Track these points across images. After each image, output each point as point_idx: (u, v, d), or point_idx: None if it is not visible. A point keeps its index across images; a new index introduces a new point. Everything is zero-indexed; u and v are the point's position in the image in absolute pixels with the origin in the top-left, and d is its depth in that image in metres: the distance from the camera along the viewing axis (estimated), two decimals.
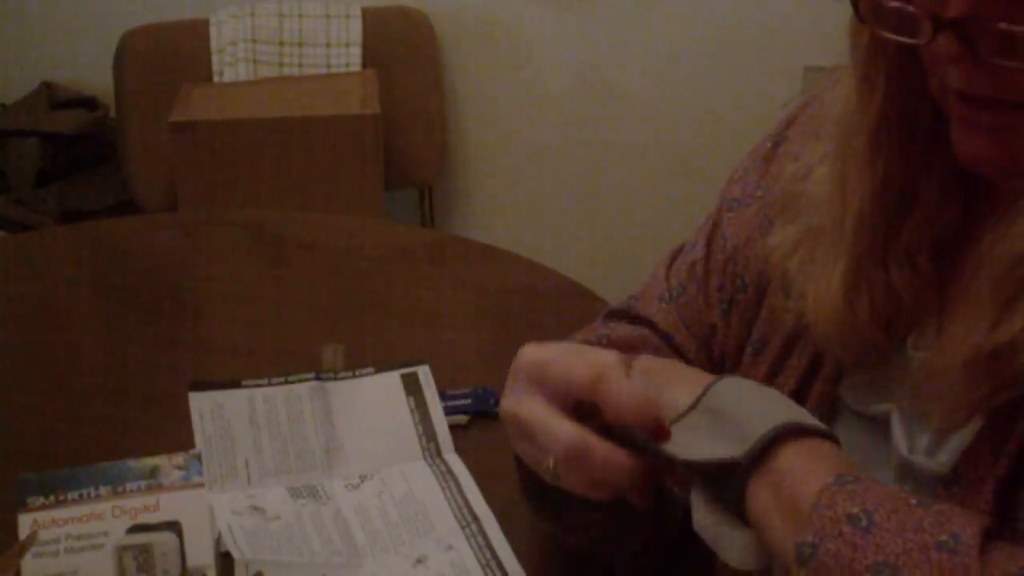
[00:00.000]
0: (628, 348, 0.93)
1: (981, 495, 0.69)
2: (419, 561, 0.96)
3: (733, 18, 2.39)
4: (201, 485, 1.04)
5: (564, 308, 1.34)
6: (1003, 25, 0.61)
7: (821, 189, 0.78)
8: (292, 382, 1.13)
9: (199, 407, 1.10)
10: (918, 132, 0.73)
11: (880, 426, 0.77)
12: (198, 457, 1.07)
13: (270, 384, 1.13)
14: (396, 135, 2.26)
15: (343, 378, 1.14)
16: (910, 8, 0.65)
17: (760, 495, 0.67)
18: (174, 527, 0.95)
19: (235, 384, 1.13)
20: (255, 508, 1.00)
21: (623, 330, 0.98)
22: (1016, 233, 0.65)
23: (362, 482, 1.05)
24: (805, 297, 0.78)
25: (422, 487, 1.04)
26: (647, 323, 0.98)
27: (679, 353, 0.95)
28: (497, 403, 1.15)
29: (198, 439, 1.07)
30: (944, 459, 0.72)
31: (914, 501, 0.64)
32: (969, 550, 0.60)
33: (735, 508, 0.69)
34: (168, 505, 1.01)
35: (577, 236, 2.62)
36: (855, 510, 0.63)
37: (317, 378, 1.13)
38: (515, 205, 2.61)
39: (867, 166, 0.74)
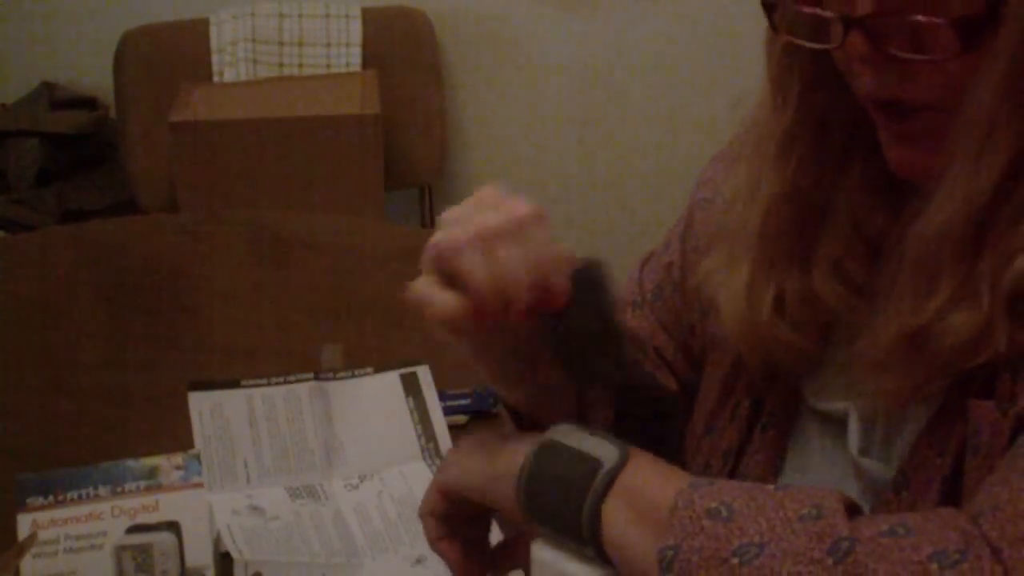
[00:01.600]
0: None
1: (929, 496, 0.69)
2: (418, 561, 0.96)
3: (733, 18, 2.39)
4: (200, 485, 1.04)
5: None
6: (910, 17, 0.62)
7: (733, 208, 0.79)
8: (291, 382, 1.13)
9: (198, 407, 1.10)
10: (832, 140, 0.73)
11: (840, 426, 0.77)
12: (197, 457, 1.07)
13: (269, 384, 1.13)
14: (396, 135, 2.26)
15: (342, 378, 1.14)
16: (822, 12, 0.66)
17: (615, 515, 0.64)
18: (173, 527, 0.95)
19: (234, 384, 1.13)
20: (254, 508, 1.00)
21: None
22: (930, 214, 0.65)
23: (361, 482, 1.05)
24: (719, 310, 0.78)
25: (422, 487, 1.04)
26: None
27: (658, 355, 0.95)
28: (496, 403, 1.16)
29: (197, 439, 1.07)
30: (892, 462, 0.72)
31: (771, 487, 0.63)
32: (834, 514, 0.59)
33: (594, 551, 0.65)
34: (167, 505, 1.01)
35: (577, 236, 2.62)
36: (714, 504, 0.62)
37: (316, 378, 1.13)
38: None
39: (777, 171, 0.75)
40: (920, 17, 0.62)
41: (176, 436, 1.10)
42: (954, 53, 0.62)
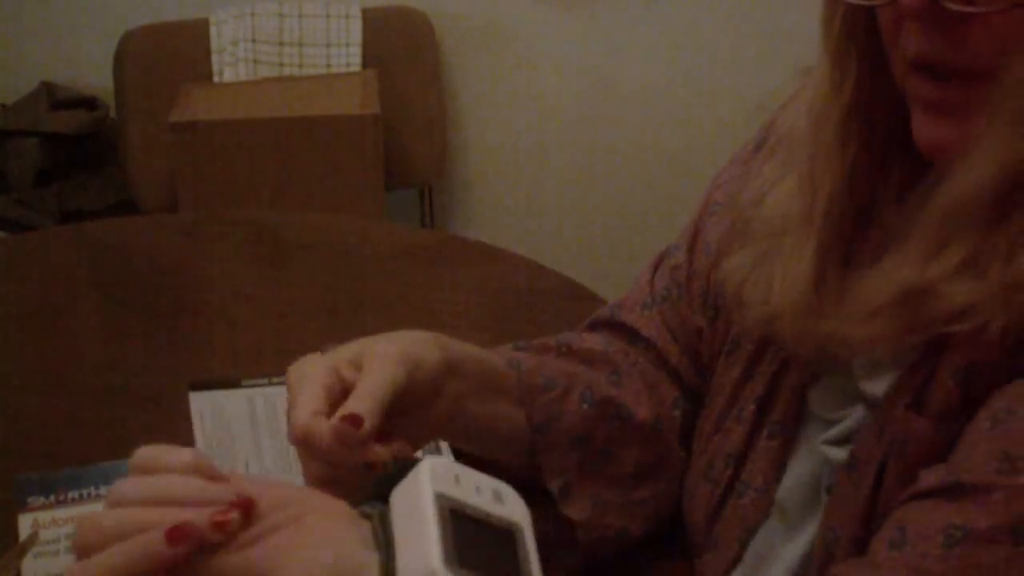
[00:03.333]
0: (585, 362, 0.93)
1: (865, 483, 0.70)
2: None
3: (733, 18, 2.39)
4: None
5: (564, 308, 1.34)
6: None
7: (774, 211, 0.77)
8: None
9: (199, 407, 1.10)
10: (878, 136, 0.72)
11: None
12: None
13: (270, 384, 1.13)
14: (396, 135, 2.26)
15: None
16: None
17: None
18: None
19: (235, 384, 1.13)
20: None
21: (592, 340, 0.97)
22: (960, 175, 0.64)
23: None
24: (768, 302, 0.76)
25: None
26: (629, 331, 0.97)
27: (661, 359, 0.95)
28: None
29: (198, 439, 1.07)
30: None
31: None
32: None
33: None
34: None
35: (577, 236, 2.62)
36: None
37: None
38: (515, 205, 2.61)
39: (835, 155, 0.73)
40: None
41: (176, 436, 1.10)
42: (1006, 3, 0.60)
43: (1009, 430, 0.61)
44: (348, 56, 2.30)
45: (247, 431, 1.08)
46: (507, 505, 0.62)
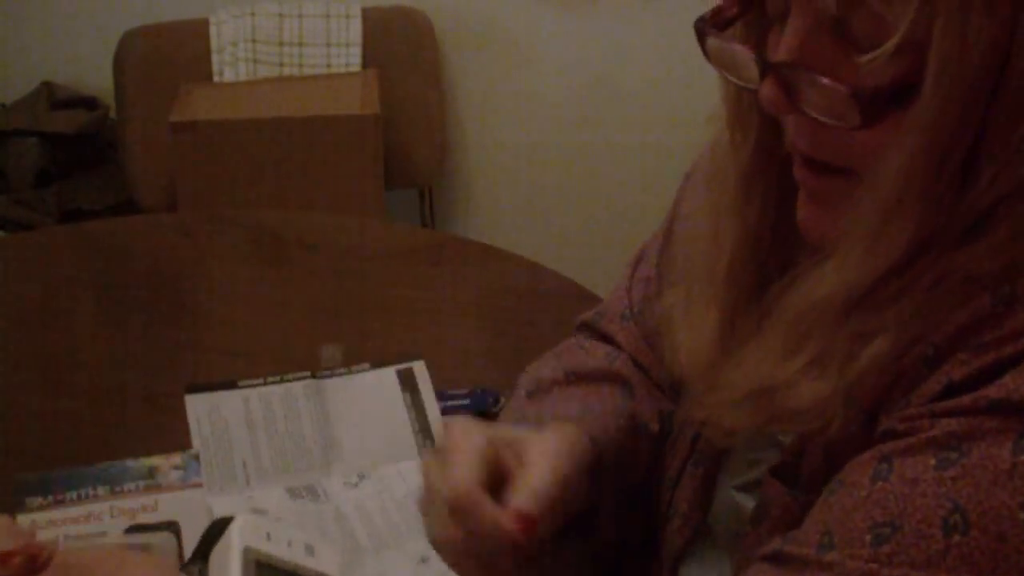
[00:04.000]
0: (602, 381, 0.93)
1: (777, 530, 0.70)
2: (423, 560, 0.96)
3: None
4: (199, 485, 1.04)
5: (564, 308, 1.33)
6: (818, 76, 0.60)
7: (692, 257, 0.78)
8: (288, 380, 1.13)
9: (196, 410, 1.10)
10: (783, 186, 0.70)
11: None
12: (196, 457, 1.07)
13: (266, 384, 1.13)
14: (396, 135, 2.26)
15: (339, 375, 1.14)
16: (745, 49, 0.65)
17: None
18: (172, 527, 0.95)
19: (231, 385, 1.13)
20: (256, 510, 1.00)
21: (595, 355, 0.96)
22: (813, 283, 0.65)
23: (360, 480, 1.05)
24: (677, 347, 0.76)
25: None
26: (611, 341, 0.96)
27: (643, 372, 0.94)
28: (496, 403, 1.16)
29: (195, 442, 1.07)
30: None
31: None
32: None
33: None
34: (166, 505, 1.01)
35: (577, 236, 2.62)
36: None
37: (313, 376, 1.13)
38: (515, 205, 2.61)
39: (737, 214, 0.73)
40: (825, 80, 0.59)
41: (175, 436, 1.10)
42: (855, 124, 0.59)
43: (833, 503, 0.63)
44: (348, 56, 2.30)
45: (244, 432, 1.08)
46: (318, 559, 0.69)
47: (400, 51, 2.32)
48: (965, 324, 0.60)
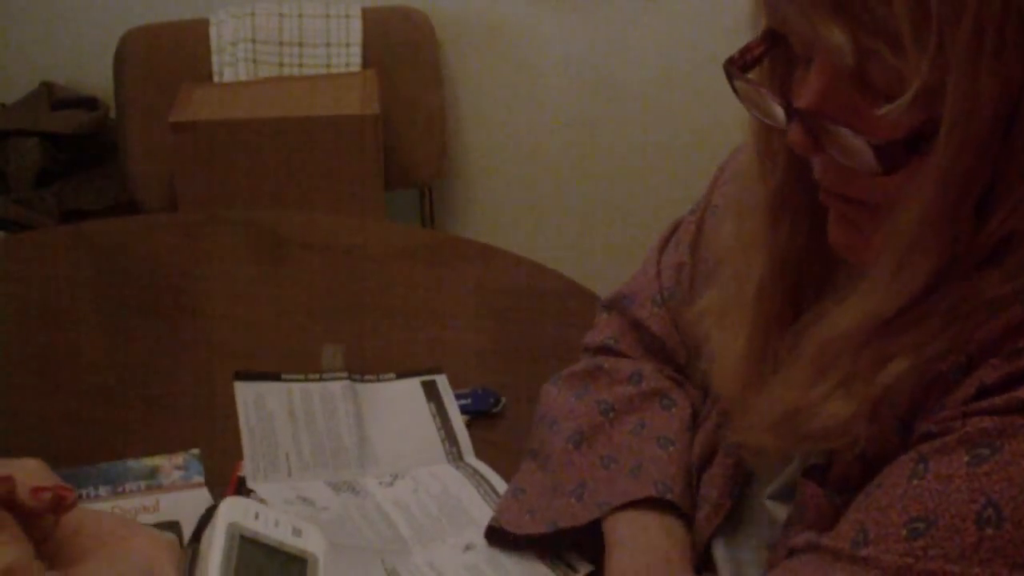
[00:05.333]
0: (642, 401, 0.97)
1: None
2: (468, 548, 0.96)
3: (733, 18, 2.38)
4: (201, 485, 1.04)
5: (564, 308, 1.34)
6: (839, 126, 0.63)
7: (726, 270, 0.81)
8: (327, 379, 1.14)
9: (244, 396, 1.10)
10: (813, 211, 0.73)
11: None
12: (197, 457, 1.07)
13: (307, 380, 1.14)
14: (396, 135, 2.26)
15: (369, 381, 1.16)
16: (770, 93, 0.67)
17: None
18: (174, 527, 0.95)
19: (275, 377, 1.14)
20: (304, 499, 1.00)
21: (623, 373, 1.00)
22: (837, 317, 0.68)
23: (394, 480, 1.05)
24: (712, 362, 0.80)
25: (455, 486, 1.04)
26: (641, 327, 0.98)
27: (670, 358, 0.96)
28: (496, 403, 1.16)
29: (243, 428, 1.07)
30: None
31: None
32: None
33: None
34: (167, 505, 1.01)
35: (577, 236, 2.62)
36: None
37: (349, 378, 1.14)
38: (515, 205, 2.61)
39: (765, 241, 0.75)
40: (846, 131, 0.62)
41: (176, 436, 1.10)
42: (876, 172, 0.62)
43: (869, 503, 0.65)
44: (348, 56, 2.30)
45: (286, 424, 1.09)
46: (305, 539, 0.72)
47: (400, 51, 2.32)
48: (998, 333, 0.62)
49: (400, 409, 1.14)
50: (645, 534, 0.87)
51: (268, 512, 0.72)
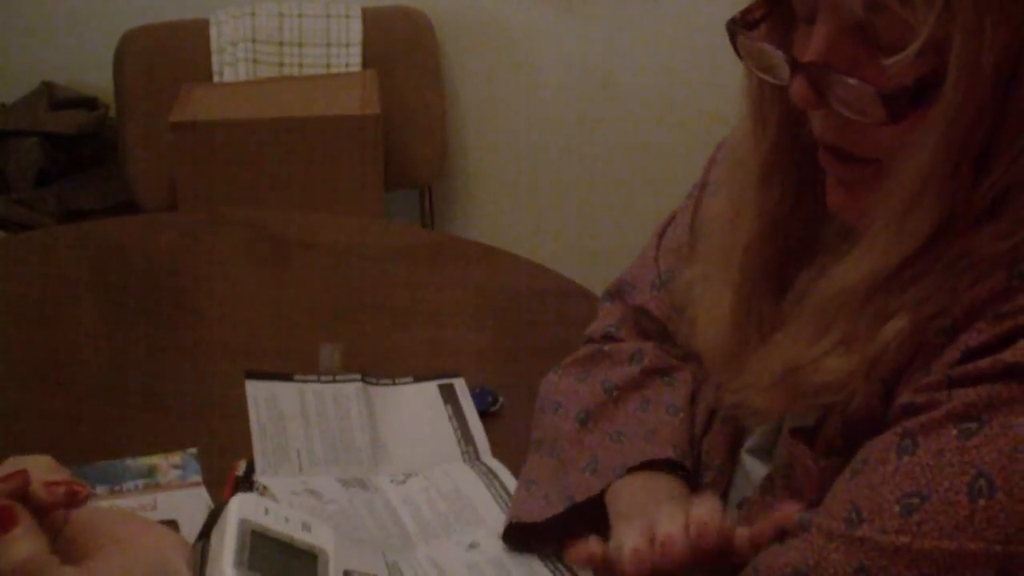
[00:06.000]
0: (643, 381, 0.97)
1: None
2: (472, 546, 0.96)
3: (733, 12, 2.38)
4: (199, 484, 1.04)
5: (564, 308, 1.34)
6: (845, 77, 0.64)
7: (711, 236, 0.82)
8: (340, 381, 1.15)
9: (254, 394, 1.11)
10: (814, 170, 0.74)
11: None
12: (195, 456, 1.07)
13: (319, 381, 1.14)
14: (396, 135, 2.26)
15: (384, 384, 1.16)
16: (774, 50, 0.68)
17: None
18: (171, 526, 0.95)
19: (287, 377, 1.14)
20: (311, 492, 1.00)
21: (624, 354, 1.00)
22: (839, 272, 0.69)
23: (407, 479, 1.06)
24: (695, 324, 0.81)
25: (468, 484, 1.05)
26: (642, 311, 0.99)
27: (672, 340, 0.97)
28: (496, 403, 1.16)
29: (253, 424, 1.07)
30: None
31: None
32: None
33: None
34: (165, 504, 1.01)
35: (577, 236, 2.62)
36: None
37: (363, 380, 1.15)
38: (515, 205, 2.61)
39: (758, 200, 0.76)
40: (852, 80, 0.64)
41: (174, 435, 1.10)
42: (882, 120, 0.63)
43: (859, 481, 0.66)
44: (348, 56, 2.30)
45: (298, 422, 1.09)
46: (314, 535, 0.73)
47: (400, 51, 2.33)
48: (983, 297, 0.63)
49: (416, 410, 1.14)
50: (651, 487, 0.88)
51: (278, 508, 0.73)
